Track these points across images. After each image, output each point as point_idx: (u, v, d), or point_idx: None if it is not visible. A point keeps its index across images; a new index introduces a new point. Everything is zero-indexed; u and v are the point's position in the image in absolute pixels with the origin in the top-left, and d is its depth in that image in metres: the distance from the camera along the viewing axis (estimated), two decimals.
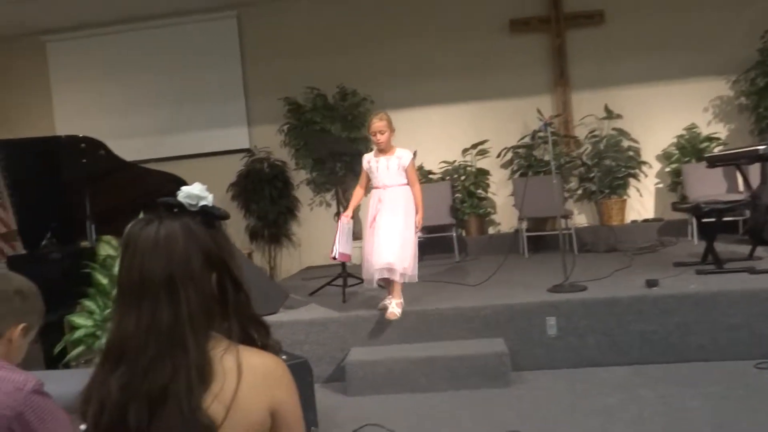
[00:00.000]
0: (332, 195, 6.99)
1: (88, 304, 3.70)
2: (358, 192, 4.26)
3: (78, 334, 3.62)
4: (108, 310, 3.64)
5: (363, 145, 6.77)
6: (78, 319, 3.64)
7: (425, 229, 6.56)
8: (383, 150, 4.06)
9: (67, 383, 1.70)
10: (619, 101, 6.70)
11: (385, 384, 3.64)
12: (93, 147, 4.40)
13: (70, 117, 7.21)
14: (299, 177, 7.03)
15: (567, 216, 6.08)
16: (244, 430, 1.05)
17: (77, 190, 4.42)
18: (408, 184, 4.03)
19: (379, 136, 4.01)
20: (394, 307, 3.92)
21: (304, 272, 6.53)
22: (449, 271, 5.42)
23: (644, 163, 6.67)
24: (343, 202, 5.99)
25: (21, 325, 1.66)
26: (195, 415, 1.00)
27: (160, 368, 1.02)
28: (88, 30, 7.24)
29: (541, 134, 4.64)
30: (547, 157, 6.36)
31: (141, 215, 3.66)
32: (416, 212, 4.00)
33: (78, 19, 7.08)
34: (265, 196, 6.79)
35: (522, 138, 6.73)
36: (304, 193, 7.07)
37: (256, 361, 1.09)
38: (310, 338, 3.99)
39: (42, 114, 7.31)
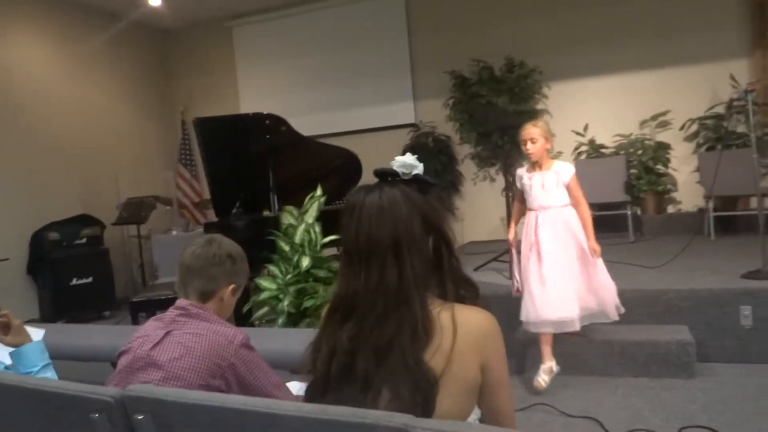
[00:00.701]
0: (497, 169, 6.87)
1: (273, 269, 4.01)
2: (517, 207, 3.68)
3: (263, 296, 3.94)
4: (289, 276, 3.92)
5: (530, 118, 6.55)
6: (264, 282, 3.95)
7: (594, 207, 6.25)
8: (538, 164, 3.39)
9: (257, 341, 1.85)
10: None
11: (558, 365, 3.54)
12: (276, 123, 4.72)
13: (253, 96, 7.80)
14: (463, 151, 7.00)
15: (766, 194, 5.42)
16: (461, 383, 1.12)
17: (262, 163, 4.78)
18: (572, 203, 3.35)
19: (529, 145, 3.32)
20: (542, 374, 3.31)
21: (467, 246, 6.53)
22: (624, 252, 5.11)
23: None
24: (508, 178, 5.88)
25: (231, 286, 1.84)
26: (419, 365, 1.08)
27: (387, 323, 1.11)
28: (269, 14, 7.74)
29: (740, 102, 4.15)
30: (741, 129, 5.70)
31: (319, 188, 3.83)
32: (587, 237, 3.29)
33: (260, 4, 7.59)
34: (430, 170, 6.86)
35: (711, 108, 6.09)
36: (468, 168, 7.04)
37: (469, 318, 1.16)
38: None
39: (228, 94, 7.97)
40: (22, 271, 6.03)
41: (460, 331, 1.13)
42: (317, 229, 3.99)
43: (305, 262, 3.88)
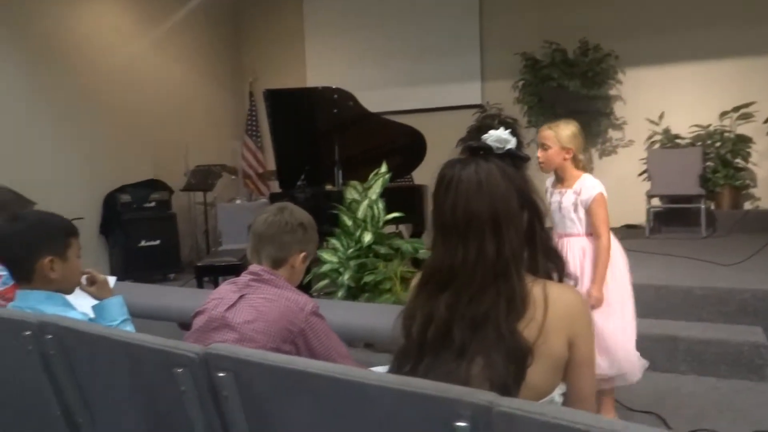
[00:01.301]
0: None
1: (334, 242, 4.05)
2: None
3: (324, 268, 3.99)
4: (351, 250, 3.95)
5: (603, 103, 6.36)
6: (325, 255, 4.00)
7: (665, 199, 6.02)
8: (560, 177, 2.74)
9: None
10: None
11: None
12: (343, 98, 4.73)
13: (320, 69, 7.84)
14: (530, 135, 6.84)
15: None
16: (549, 358, 1.14)
17: (328, 137, 4.81)
18: (590, 233, 2.68)
19: (540, 152, 2.72)
20: None
21: None
22: (695, 247, 4.91)
23: None
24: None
25: (302, 253, 1.86)
26: (513, 335, 1.11)
27: (485, 296, 1.14)
28: None
29: None
30: None
31: (383, 164, 3.78)
32: (593, 279, 2.59)
33: None
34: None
35: None
36: (533, 152, 6.86)
37: (561, 294, 1.18)
38: None
39: (296, 67, 8.04)
40: (95, 231, 6.31)
41: (551, 307, 1.15)
42: (380, 205, 4.00)
43: (367, 237, 3.90)
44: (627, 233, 5.89)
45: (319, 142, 4.98)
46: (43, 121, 5.72)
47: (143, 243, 6.34)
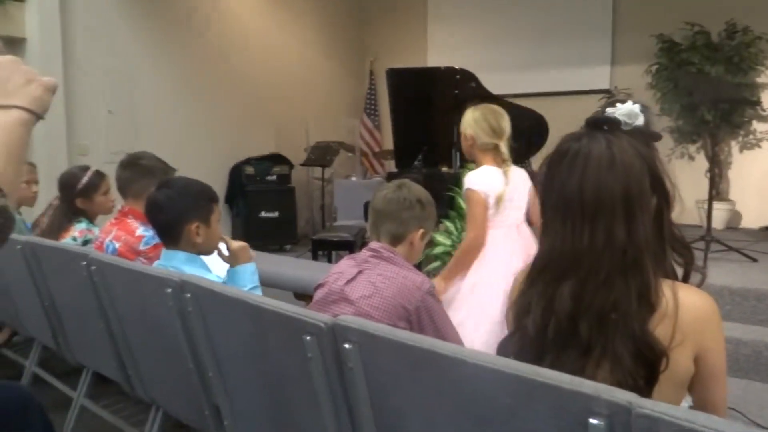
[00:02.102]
0: (698, 147, 6.24)
1: (448, 224, 4.03)
2: None
3: (437, 250, 3.99)
4: (464, 233, 3.91)
5: (749, 92, 5.83)
6: (439, 237, 4.00)
7: None
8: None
9: None
10: None
11: (751, 369, 3.19)
12: (466, 79, 4.68)
13: (441, 50, 7.79)
14: (661, 124, 6.42)
15: None
16: (672, 373, 1.02)
17: (447, 117, 4.77)
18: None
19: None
20: None
21: None
22: None
23: None
24: (715, 157, 5.31)
25: (420, 230, 1.87)
26: (645, 334, 1.00)
27: (613, 287, 1.03)
28: None
29: None
30: None
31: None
32: (446, 269, 2.65)
33: None
34: None
35: None
36: (664, 143, 6.46)
37: (691, 300, 1.05)
38: None
39: (417, 47, 8.03)
40: (221, 200, 6.71)
41: (681, 312, 1.02)
42: None
43: None
44: (767, 236, 5.41)
45: (437, 122, 4.96)
46: (175, 94, 6.09)
47: (263, 214, 6.66)
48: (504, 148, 2.65)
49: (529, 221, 2.70)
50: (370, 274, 1.79)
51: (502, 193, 2.59)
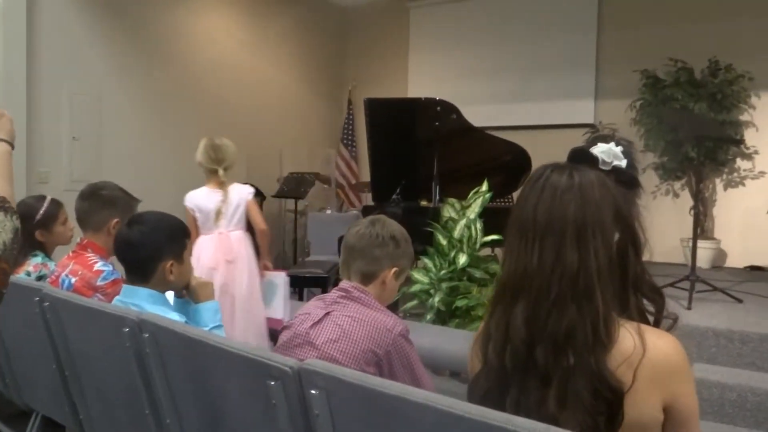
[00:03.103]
0: (683, 184, 6.39)
1: (427, 261, 4.05)
2: None
3: (414, 288, 4.00)
4: (443, 272, 3.93)
5: (733, 129, 6.01)
6: (416, 275, 4.01)
7: None
8: None
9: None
10: None
11: (737, 415, 3.22)
12: (446, 111, 4.75)
13: (422, 81, 7.91)
14: (645, 160, 6.57)
15: None
16: (636, 422, 1.02)
17: (427, 150, 4.84)
18: None
19: None
20: None
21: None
22: None
23: None
24: (699, 195, 5.43)
25: (394, 269, 1.86)
26: (601, 370, 1.01)
27: (565, 311, 1.05)
28: None
29: None
30: None
31: (485, 182, 3.79)
32: None
33: None
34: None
35: None
36: (648, 179, 6.60)
37: (657, 344, 1.05)
38: None
39: (398, 77, 8.15)
40: None
41: (647, 358, 1.03)
42: (479, 226, 3.97)
43: (462, 259, 3.88)
44: (752, 276, 5.51)
45: (417, 155, 5.02)
46: (143, 120, 6.06)
47: None
48: (221, 172, 3.73)
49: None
50: (338, 316, 1.77)
51: (218, 208, 3.71)
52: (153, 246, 1.82)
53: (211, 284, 2.01)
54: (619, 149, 1.23)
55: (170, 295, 1.98)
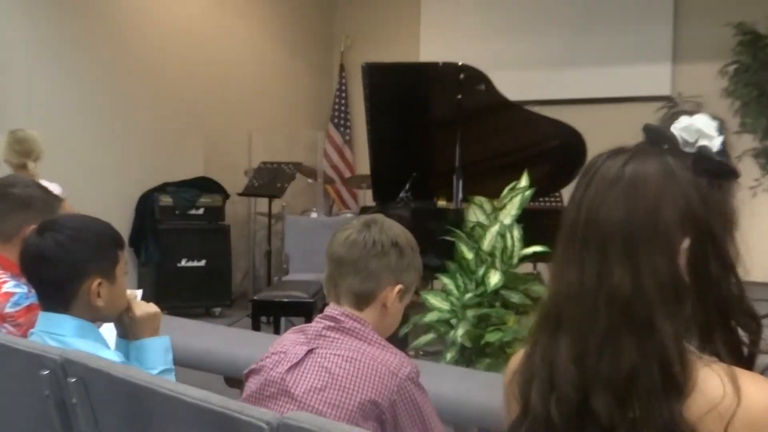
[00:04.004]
0: None
1: (446, 281, 4.05)
2: None
3: (430, 317, 4.00)
4: (469, 295, 3.94)
5: None
6: (432, 299, 4.01)
7: None
8: None
9: None
10: None
11: None
12: (472, 79, 4.75)
13: (438, 40, 7.91)
14: (742, 144, 6.56)
15: None
16: None
17: (446, 133, 4.84)
18: None
19: None
20: None
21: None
22: None
23: None
24: None
25: (397, 286, 1.84)
26: (678, 423, 1.01)
27: (620, 348, 1.05)
28: None
29: None
30: None
31: (524, 175, 3.80)
32: None
33: None
34: None
35: None
36: (747, 170, 6.60)
37: (755, 394, 1.04)
38: None
39: (407, 34, 8.16)
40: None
41: (743, 406, 1.02)
42: (516, 234, 3.97)
43: (494, 278, 3.87)
44: None
45: (433, 139, 5.03)
46: (78, 100, 6.11)
47: (183, 262, 6.64)
48: (32, 165, 4.30)
49: None
50: (324, 356, 1.77)
51: None
52: (71, 259, 1.81)
53: (158, 314, 2.01)
54: (710, 122, 1.19)
55: (109, 328, 1.97)
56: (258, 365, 1.85)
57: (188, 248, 6.67)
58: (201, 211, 6.78)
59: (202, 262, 6.70)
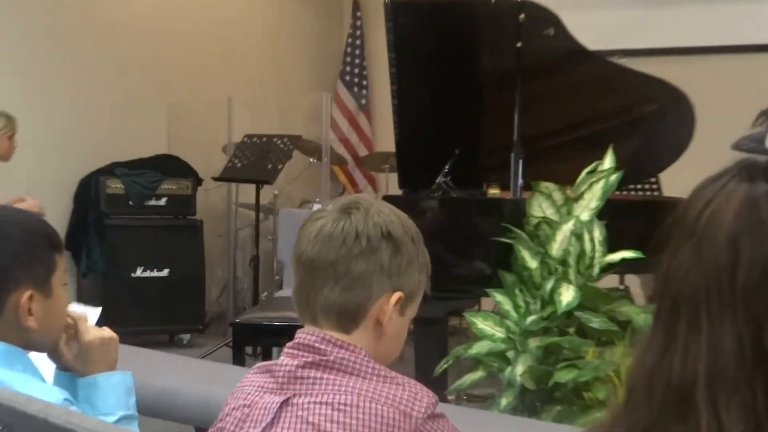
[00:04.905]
0: None
1: (501, 300, 4.04)
2: None
3: (478, 348, 3.98)
4: (533, 318, 3.92)
5: None
6: (482, 324, 4.00)
7: None
8: None
9: None
10: None
11: None
12: (537, 21, 4.73)
13: None
14: None
15: None
16: None
17: (501, 95, 4.82)
18: None
19: None
20: None
21: None
22: None
23: None
24: None
25: (395, 294, 1.80)
26: None
27: None
28: None
29: None
30: None
31: (609, 153, 3.84)
32: None
33: None
34: None
35: None
36: None
37: None
38: None
39: None
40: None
41: None
42: (598, 234, 3.95)
43: (567, 295, 3.86)
44: None
45: (482, 104, 5.02)
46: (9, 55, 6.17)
47: (139, 272, 6.66)
48: None
49: None
50: (306, 407, 1.72)
51: None
52: None
53: (114, 340, 2.01)
54: None
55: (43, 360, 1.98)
56: (215, 427, 1.81)
57: (146, 253, 6.70)
58: (163, 201, 6.81)
59: (165, 272, 6.71)
